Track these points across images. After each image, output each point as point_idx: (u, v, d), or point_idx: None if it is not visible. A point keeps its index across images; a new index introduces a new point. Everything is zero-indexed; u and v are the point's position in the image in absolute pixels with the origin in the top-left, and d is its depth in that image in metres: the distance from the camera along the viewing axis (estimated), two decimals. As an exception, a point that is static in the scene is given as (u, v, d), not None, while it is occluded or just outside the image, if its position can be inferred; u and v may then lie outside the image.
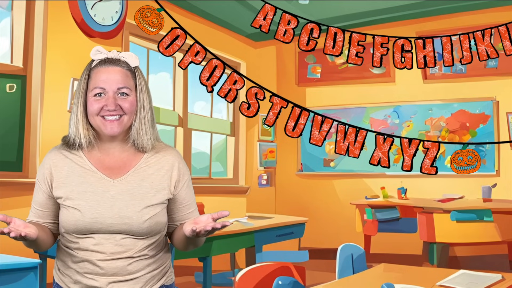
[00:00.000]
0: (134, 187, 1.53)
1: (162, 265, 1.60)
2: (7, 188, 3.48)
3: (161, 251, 1.60)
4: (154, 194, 1.55)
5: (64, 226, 1.53)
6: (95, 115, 1.53)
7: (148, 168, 1.57)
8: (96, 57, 1.57)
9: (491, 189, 5.31)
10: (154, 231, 1.54)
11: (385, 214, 5.47)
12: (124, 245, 1.50)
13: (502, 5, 5.48)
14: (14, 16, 3.86)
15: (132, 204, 1.51)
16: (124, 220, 1.49)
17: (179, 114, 5.52)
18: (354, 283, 2.50)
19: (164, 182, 1.57)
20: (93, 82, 1.54)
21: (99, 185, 1.52)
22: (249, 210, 5.77)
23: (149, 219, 1.52)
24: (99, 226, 1.49)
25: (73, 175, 1.53)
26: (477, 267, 3.30)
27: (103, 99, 1.52)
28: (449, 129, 6.03)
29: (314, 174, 6.67)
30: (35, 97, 3.83)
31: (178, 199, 1.61)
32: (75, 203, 1.50)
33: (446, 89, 6.05)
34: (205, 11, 5.51)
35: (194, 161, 5.75)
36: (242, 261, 4.59)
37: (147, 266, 1.54)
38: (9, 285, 2.46)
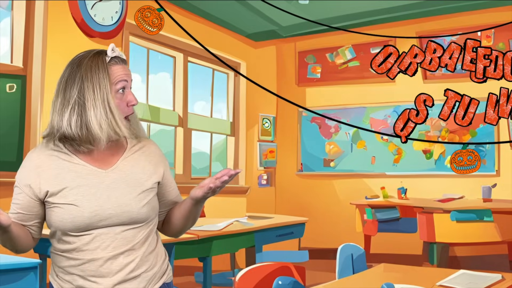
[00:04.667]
0: (127, 174, 1.54)
1: (161, 262, 1.60)
2: (7, 188, 3.46)
3: (156, 244, 1.61)
4: (147, 179, 1.57)
5: (59, 226, 1.48)
6: (123, 115, 1.53)
7: (136, 155, 1.60)
8: (112, 54, 1.56)
9: (491, 189, 5.31)
10: (151, 215, 1.57)
11: (385, 214, 5.47)
12: (125, 237, 1.50)
13: (502, 5, 5.48)
14: (14, 16, 3.86)
15: (128, 192, 1.52)
16: (123, 208, 1.50)
17: (179, 114, 5.52)
18: (354, 283, 2.50)
19: (152, 167, 1.61)
20: (114, 76, 1.53)
21: (92, 177, 1.51)
22: (249, 210, 5.77)
23: (146, 203, 1.54)
24: (98, 219, 1.47)
25: (63, 171, 1.50)
26: (477, 267, 3.30)
27: (124, 95, 1.54)
28: (449, 129, 6.03)
29: (314, 174, 6.67)
30: (35, 97, 3.83)
31: (166, 182, 1.66)
32: (70, 199, 1.47)
33: (446, 89, 6.04)
34: (205, 11, 5.51)
35: (194, 161, 5.75)
36: (242, 261, 4.59)
37: (147, 261, 1.54)
38: (9, 285, 2.46)
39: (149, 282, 1.55)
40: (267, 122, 6.66)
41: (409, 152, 6.19)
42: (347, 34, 6.06)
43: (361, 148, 6.46)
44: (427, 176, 6.04)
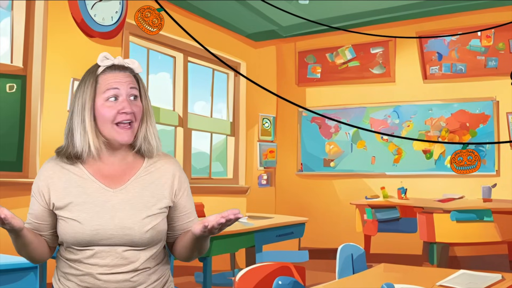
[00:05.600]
0: (134, 197, 1.50)
1: (162, 276, 1.58)
2: (7, 188, 3.48)
3: (161, 262, 1.58)
4: (155, 203, 1.52)
5: (64, 238, 1.49)
6: (110, 122, 1.48)
7: (148, 176, 1.55)
8: (103, 64, 1.51)
9: (491, 189, 5.31)
10: (155, 240, 1.52)
11: (385, 214, 5.47)
12: (127, 257, 1.47)
13: (502, 5, 5.48)
14: (14, 16, 3.86)
15: (133, 214, 1.48)
16: (126, 231, 1.46)
17: (179, 114, 5.52)
18: (354, 283, 2.50)
19: (165, 191, 1.55)
20: (103, 85, 1.49)
21: (98, 195, 1.48)
22: (249, 210, 5.77)
23: (150, 229, 1.49)
24: (99, 238, 1.45)
25: (71, 186, 1.49)
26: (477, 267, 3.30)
27: (117, 103, 1.48)
28: (449, 129, 6.03)
29: (314, 174, 6.67)
30: (35, 97, 3.83)
31: (178, 207, 1.59)
32: (74, 215, 1.46)
33: (446, 89, 6.05)
34: (205, 11, 5.51)
35: (194, 161, 5.75)
36: (242, 261, 4.59)
37: (148, 278, 1.52)
38: (9, 285, 2.46)
39: None
40: (267, 122, 6.66)
41: (409, 152, 6.19)
42: (347, 34, 6.07)
43: (361, 148, 6.46)
44: (427, 176, 6.04)
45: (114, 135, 1.49)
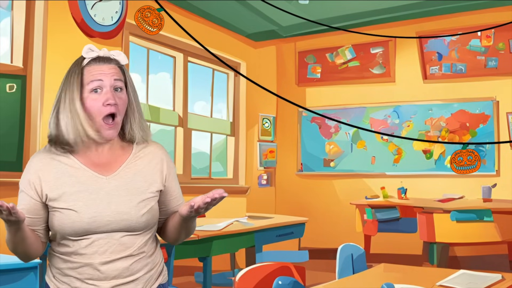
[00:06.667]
0: (128, 182, 1.53)
1: (157, 264, 1.61)
2: (7, 188, 3.47)
3: (155, 248, 1.61)
4: (148, 187, 1.56)
5: (59, 230, 1.49)
6: (97, 116, 1.50)
7: (138, 162, 1.58)
8: (88, 56, 1.55)
9: (491, 189, 5.31)
10: (150, 224, 1.56)
11: (385, 214, 5.47)
12: (123, 243, 1.50)
13: (502, 5, 5.49)
14: (14, 16, 3.86)
15: (128, 200, 1.51)
16: (122, 216, 1.49)
17: (179, 114, 5.52)
18: (354, 283, 2.50)
19: (155, 175, 1.59)
20: (87, 76, 1.52)
21: (92, 183, 1.50)
22: (249, 210, 5.77)
23: (146, 212, 1.53)
24: (97, 225, 1.47)
25: (64, 176, 1.50)
26: (477, 267, 3.30)
27: (101, 95, 1.51)
28: (449, 129, 6.03)
29: (314, 174, 6.67)
30: (35, 97, 3.83)
31: (169, 191, 1.63)
32: (70, 204, 1.47)
33: (446, 89, 6.05)
34: (205, 11, 5.51)
35: (194, 161, 5.75)
36: (242, 261, 4.59)
37: (145, 266, 1.55)
38: (9, 285, 2.46)
39: (146, 284, 1.55)
40: (267, 122, 6.66)
41: (409, 152, 6.19)
42: (347, 34, 6.07)
43: (361, 148, 6.46)
44: (427, 176, 6.04)
45: (101, 130, 1.52)
